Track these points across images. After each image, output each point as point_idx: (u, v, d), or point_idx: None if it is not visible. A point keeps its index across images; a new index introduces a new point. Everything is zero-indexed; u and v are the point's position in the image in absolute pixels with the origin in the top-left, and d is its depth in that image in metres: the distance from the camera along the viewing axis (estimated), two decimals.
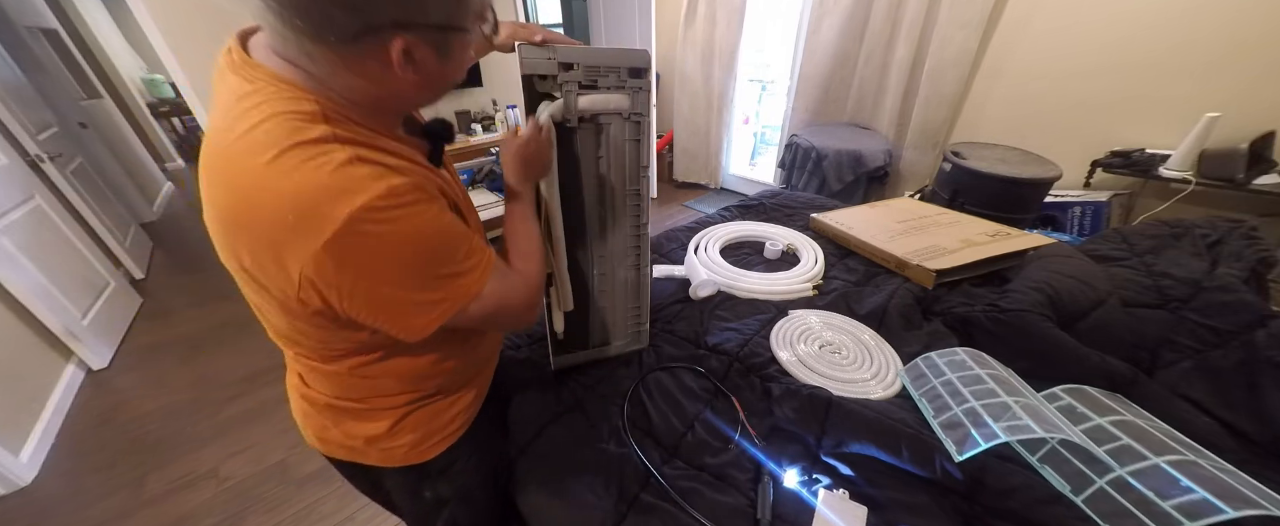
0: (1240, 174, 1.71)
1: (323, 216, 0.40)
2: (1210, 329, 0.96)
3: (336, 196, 0.41)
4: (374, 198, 0.41)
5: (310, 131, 0.42)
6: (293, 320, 0.51)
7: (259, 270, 0.45)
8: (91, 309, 2.18)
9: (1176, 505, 0.64)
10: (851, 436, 0.81)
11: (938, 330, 1.11)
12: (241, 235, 0.44)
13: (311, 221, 0.40)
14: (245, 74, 0.44)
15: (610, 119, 0.83)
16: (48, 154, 2.33)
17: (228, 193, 0.43)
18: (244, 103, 0.43)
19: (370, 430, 0.64)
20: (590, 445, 0.86)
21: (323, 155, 0.41)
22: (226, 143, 0.43)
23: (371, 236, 0.42)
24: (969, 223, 1.48)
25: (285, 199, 0.40)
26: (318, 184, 0.40)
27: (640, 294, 1.03)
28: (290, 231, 0.41)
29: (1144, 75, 1.98)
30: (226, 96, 0.45)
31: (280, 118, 0.42)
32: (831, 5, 2.63)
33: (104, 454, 1.70)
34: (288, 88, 0.44)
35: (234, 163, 0.42)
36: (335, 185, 0.41)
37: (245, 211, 0.42)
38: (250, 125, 0.42)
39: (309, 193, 0.40)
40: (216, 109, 0.47)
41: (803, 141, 2.69)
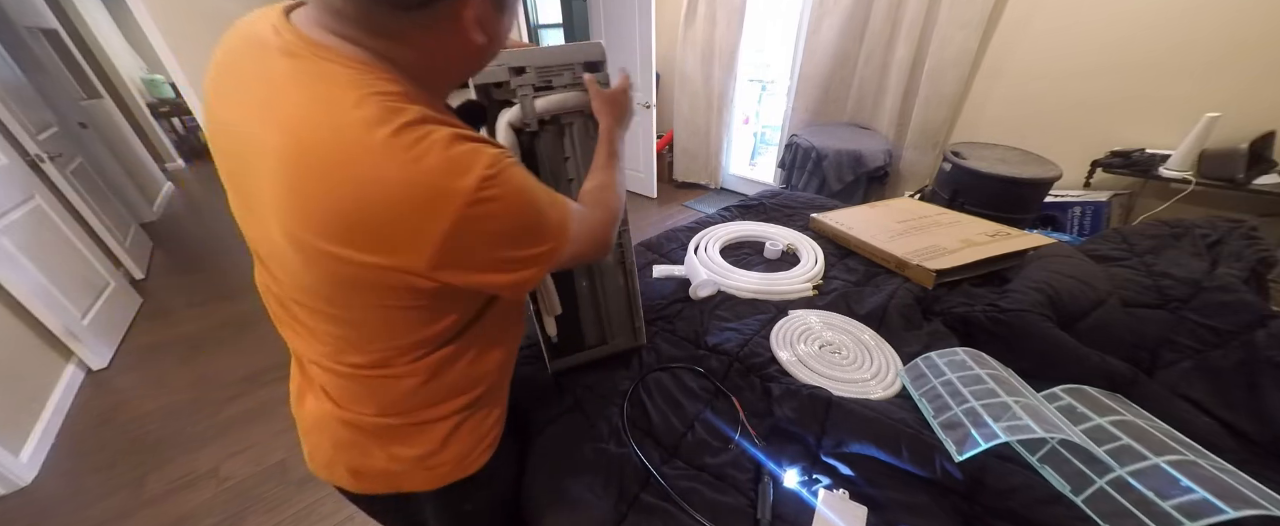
0: (1240, 174, 1.71)
1: (451, 192, 0.40)
2: (1210, 329, 0.96)
3: (458, 172, 0.40)
4: (485, 167, 0.42)
5: (408, 111, 0.41)
6: (389, 314, 0.50)
7: (376, 265, 0.43)
8: (91, 309, 2.18)
9: (1176, 505, 0.64)
10: (851, 436, 0.81)
11: (938, 330, 1.11)
12: (357, 232, 0.41)
13: (441, 200, 0.40)
14: (312, 55, 0.42)
15: (573, 118, 0.82)
16: (48, 154, 2.33)
17: (336, 188, 0.40)
18: (321, 87, 0.41)
19: (419, 448, 0.61)
20: (590, 445, 0.86)
21: (431, 134, 0.40)
22: (317, 136, 0.40)
23: (493, 202, 0.42)
24: (969, 223, 1.48)
25: (412, 183, 0.39)
26: (438, 163, 0.40)
27: (630, 291, 1.02)
28: (421, 214, 0.40)
29: (1144, 75, 1.98)
30: (282, 82, 0.42)
31: (376, 100, 0.40)
32: (831, 5, 2.63)
33: (104, 454, 1.70)
34: (366, 67, 0.42)
35: (340, 154, 0.39)
36: (453, 161, 0.40)
37: (364, 204, 0.40)
38: (345, 112, 0.40)
39: (434, 172, 0.40)
40: (263, 99, 0.43)
41: (803, 141, 2.69)
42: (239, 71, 0.46)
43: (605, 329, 1.04)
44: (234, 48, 0.47)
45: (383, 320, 0.51)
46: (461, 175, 0.40)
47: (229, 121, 0.47)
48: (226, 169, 0.50)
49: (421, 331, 0.53)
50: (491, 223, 0.43)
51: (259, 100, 0.43)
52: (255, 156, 0.43)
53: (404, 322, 0.51)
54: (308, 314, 0.52)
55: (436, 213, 0.40)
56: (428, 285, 0.45)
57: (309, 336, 0.55)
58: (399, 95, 0.42)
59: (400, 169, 0.39)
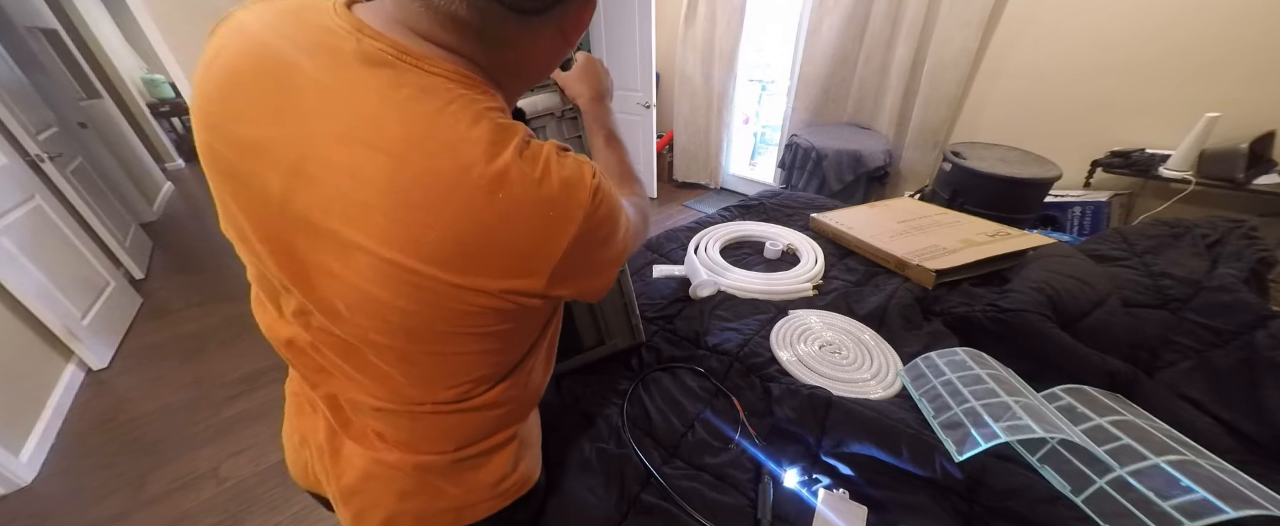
0: (1240, 174, 1.71)
1: (574, 208, 0.40)
2: (1210, 329, 0.96)
3: (577, 187, 0.40)
4: (592, 177, 0.42)
5: (517, 129, 0.40)
6: (480, 342, 0.47)
7: (499, 290, 0.41)
8: (91, 309, 2.18)
9: (1177, 505, 0.64)
10: (851, 436, 0.81)
11: (938, 330, 1.11)
12: (480, 258, 0.39)
13: (567, 218, 0.40)
14: (411, 65, 0.38)
15: (545, 121, 0.81)
16: (48, 154, 2.33)
17: (460, 216, 0.37)
18: (429, 103, 0.37)
19: (495, 473, 0.58)
20: (590, 445, 0.86)
21: (541, 150, 0.40)
22: (433, 162, 0.36)
23: (602, 208, 0.42)
24: (969, 223, 1.48)
25: (541, 203, 0.39)
26: (558, 181, 0.39)
27: (624, 290, 1.01)
28: (549, 233, 0.40)
29: (1144, 75, 1.98)
30: (369, 97, 0.37)
31: (489, 117, 0.38)
32: (831, 5, 2.63)
33: (104, 454, 1.70)
34: (467, 80, 0.40)
35: (461, 179, 0.36)
36: (568, 178, 0.40)
37: (490, 229, 0.38)
38: (461, 132, 0.37)
39: (557, 191, 0.39)
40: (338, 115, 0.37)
41: (803, 141, 2.69)
42: (279, 80, 0.38)
43: (602, 329, 1.03)
44: (260, 50, 0.39)
45: (471, 350, 0.48)
46: (579, 189, 0.40)
47: (263, 142, 0.39)
48: (251, 200, 0.42)
49: (501, 357, 0.51)
50: (601, 230, 0.44)
51: (330, 116, 0.37)
52: (326, 183, 0.38)
53: (487, 350, 0.49)
54: (386, 355, 0.47)
55: (562, 230, 0.40)
56: (535, 304, 0.44)
57: (378, 381, 0.49)
58: (500, 110, 0.41)
59: (527, 191, 0.38)
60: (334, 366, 0.51)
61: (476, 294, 0.41)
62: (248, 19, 0.40)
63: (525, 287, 0.42)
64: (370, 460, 0.54)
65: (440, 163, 0.36)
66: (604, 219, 0.43)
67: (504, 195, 0.37)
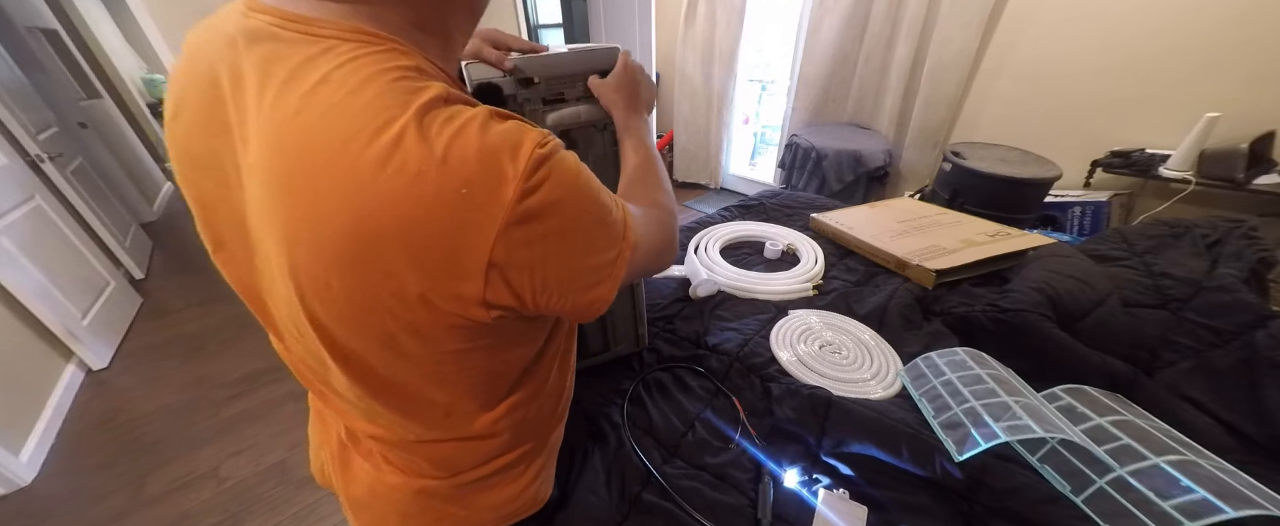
0: (1240, 174, 1.71)
1: (498, 177, 0.31)
2: (1210, 329, 0.96)
3: (502, 154, 0.32)
4: (533, 147, 0.33)
5: (430, 88, 0.32)
6: (462, 355, 0.41)
7: (418, 297, 0.33)
8: (91, 309, 2.18)
9: (1177, 505, 0.64)
10: (851, 436, 0.81)
11: (938, 330, 1.11)
12: (388, 248, 0.31)
13: (487, 187, 0.31)
14: (295, 31, 0.33)
15: (585, 132, 0.77)
16: (48, 154, 2.33)
17: (351, 198, 0.30)
18: (311, 71, 0.32)
19: (504, 494, 0.55)
20: (591, 444, 0.86)
21: (460, 115, 0.32)
22: (317, 138, 0.31)
23: (549, 189, 0.33)
24: (969, 223, 1.48)
25: (449, 173, 0.30)
26: (477, 147, 0.31)
27: (635, 301, 1.02)
28: (467, 209, 0.31)
29: (1144, 75, 1.98)
30: (254, 76, 0.33)
31: (387, 77, 0.32)
32: (831, 5, 2.63)
33: (104, 454, 1.70)
34: (369, 38, 0.34)
35: (349, 155, 0.30)
36: (494, 143, 0.32)
37: (392, 211, 0.30)
38: (348, 98, 0.31)
39: (472, 157, 0.31)
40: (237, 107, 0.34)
41: (803, 141, 2.69)
42: (206, 94, 0.36)
43: (609, 337, 1.04)
44: (192, 68, 0.37)
45: (433, 376, 0.42)
46: (509, 153, 0.32)
47: (207, 156, 0.37)
48: (215, 225, 0.41)
49: (485, 384, 0.46)
50: (552, 218, 0.34)
51: (237, 112, 0.34)
52: (248, 189, 0.35)
53: (454, 376, 0.43)
54: (350, 386, 0.42)
55: (484, 215, 0.31)
56: (485, 316, 0.36)
57: (359, 409, 0.46)
58: (413, 70, 0.34)
59: (427, 164, 0.30)
60: (320, 392, 0.49)
61: (397, 303, 0.34)
62: (188, 42, 0.39)
63: (455, 293, 0.34)
64: (374, 478, 0.53)
65: (314, 139, 0.31)
66: (556, 205, 0.34)
67: (394, 170, 0.30)
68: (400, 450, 0.50)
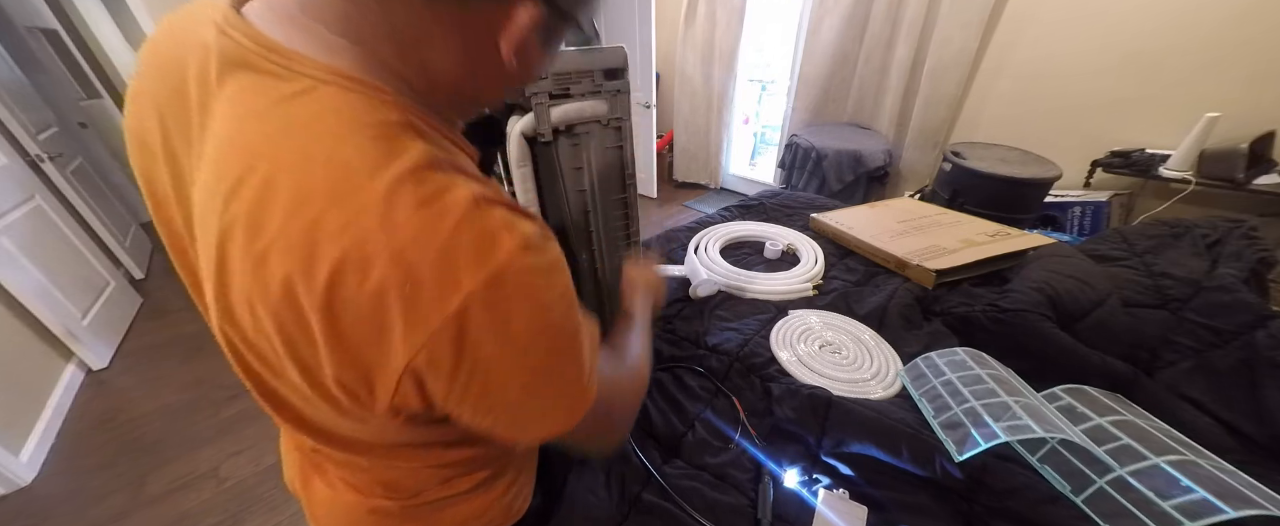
0: (1240, 174, 1.71)
1: (448, 285, 0.28)
2: (1210, 329, 0.96)
3: (468, 257, 0.28)
4: (510, 256, 0.29)
5: (409, 153, 0.29)
6: (359, 424, 0.38)
7: (328, 360, 0.30)
8: (91, 309, 2.18)
9: (1177, 505, 0.64)
10: (851, 436, 0.81)
11: (938, 330, 1.11)
12: (311, 320, 0.28)
13: (434, 292, 0.27)
14: (278, 65, 0.29)
15: (589, 127, 0.78)
16: (48, 154, 2.33)
17: (291, 252, 0.28)
18: (291, 111, 0.29)
19: (485, 500, 0.52)
20: None
21: (439, 196, 0.28)
22: (287, 178, 0.28)
23: (505, 307, 0.30)
24: (969, 223, 1.48)
25: (397, 268, 0.27)
26: (441, 240, 0.28)
27: None
28: (403, 304, 0.27)
29: (1144, 75, 1.98)
30: (225, 107, 0.30)
31: (371, 131, 0.29)
32: (831, 5, 2.63)
33: (104, 454, 1.70)
34: (355, 85, 0.30)
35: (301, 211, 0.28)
36: (464, 242, 0.28)
37: (324, 286, 0.28)
38: (326, 146, 0.28)
39: (429, 255, 0.27)
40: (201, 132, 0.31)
41: (803, 141, 2.69)
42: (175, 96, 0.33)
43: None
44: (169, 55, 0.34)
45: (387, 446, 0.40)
46: (476, 259, 0.28)
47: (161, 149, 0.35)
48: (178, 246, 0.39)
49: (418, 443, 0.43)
50: (498, 335, 0.30)
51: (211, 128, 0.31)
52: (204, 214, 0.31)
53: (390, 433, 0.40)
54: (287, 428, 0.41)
55: (427, 306, 0.28)
56: (408, 406, 0.32)
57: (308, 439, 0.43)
58: (403, 127, 0.30)
59: (380, 249, 0.27)
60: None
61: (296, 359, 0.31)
62: (163, 29, 0.36)
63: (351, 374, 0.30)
64: (330, 495, 0.50)
65: (293, 180, 0.28)
66: (506, 325, 0.30)
67: (342, 244, 0.27)
68: (353, 470, 0.47)
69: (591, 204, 0.86)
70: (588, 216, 0.87)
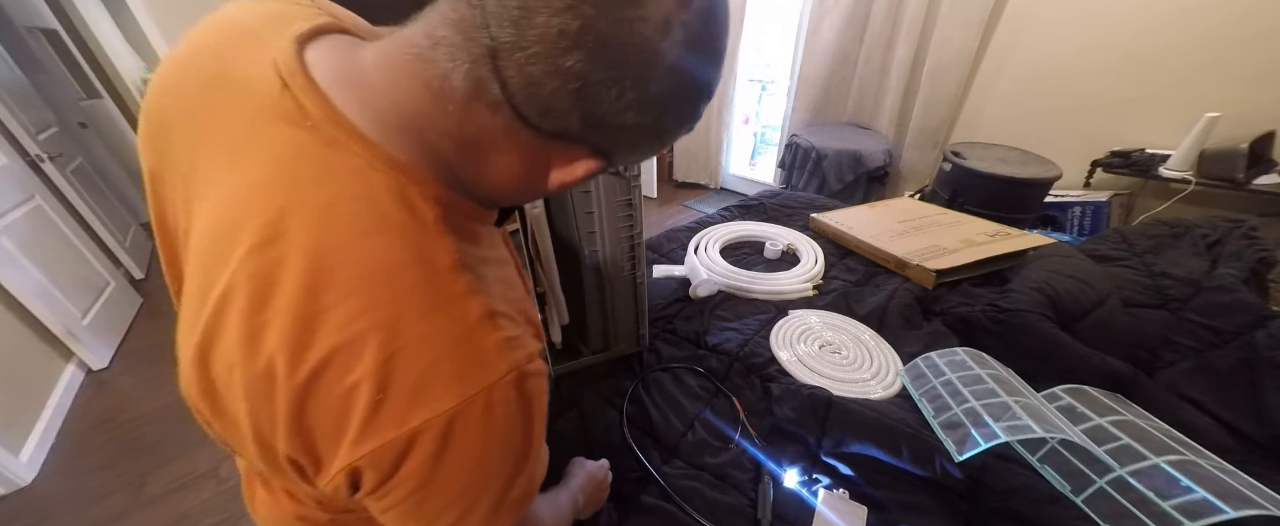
0: (1240, 174, 1.71)
1: (417, 403, 0.29)
2: (1210, 329, 0.96)
3: (449, 380, 0.29)
4: (489, 388, 0.30)
5: (433, 254, 0.30)
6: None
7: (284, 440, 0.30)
8: (91, 309, 2.18)
9: (1177, 505, 0.64)
10: (851, 436, 0.81)
11: (938, 330, 1.11)
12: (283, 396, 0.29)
13: (400, 408, 0.28)
14: (329, 136, 0.29)
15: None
16: (48, 154, 2.33)
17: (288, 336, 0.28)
18: (325, 191, 0.29)
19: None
20: (590, 445, 0.86)
21: (447, 308, 0.30)
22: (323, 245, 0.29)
23: (462, 437, 0.30)
24: (969, 222, 1.48)
25: (381, 369, 0.28)
26: (433, 355, 0.29)
27: (638, 300, 1.02)
28: (367, 410, 0.28)
29: (1144, 75, 1.98)
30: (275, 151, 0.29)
31: (393, 232, 0.29)
32: (831, 5, 2.63)
33: (104, 454, 1.70)
34: (402, 174, 0.30)
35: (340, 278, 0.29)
36: (452, 363, 0.29)
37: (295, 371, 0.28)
38: (344, 237, 0.29)
39: (418, 366, 0.29)
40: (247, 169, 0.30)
41: (803, 141, 2.69)
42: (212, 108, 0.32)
43: (610, 336, 1.04)
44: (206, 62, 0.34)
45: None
46: (456, 384, 0.29)
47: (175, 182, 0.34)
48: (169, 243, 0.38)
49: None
50: (454, 464, 0.31)
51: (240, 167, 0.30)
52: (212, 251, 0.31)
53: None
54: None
55: (386, 421, 0.28)
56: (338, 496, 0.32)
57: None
58: (435, 224, 0.31)
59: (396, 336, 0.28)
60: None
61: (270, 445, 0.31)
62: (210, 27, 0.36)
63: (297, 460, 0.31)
64: (266, 501, 0.49)
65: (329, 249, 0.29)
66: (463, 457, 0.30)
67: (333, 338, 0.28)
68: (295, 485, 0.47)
69: (596, 205, 0.87)
70: (592, 217, 0.88)
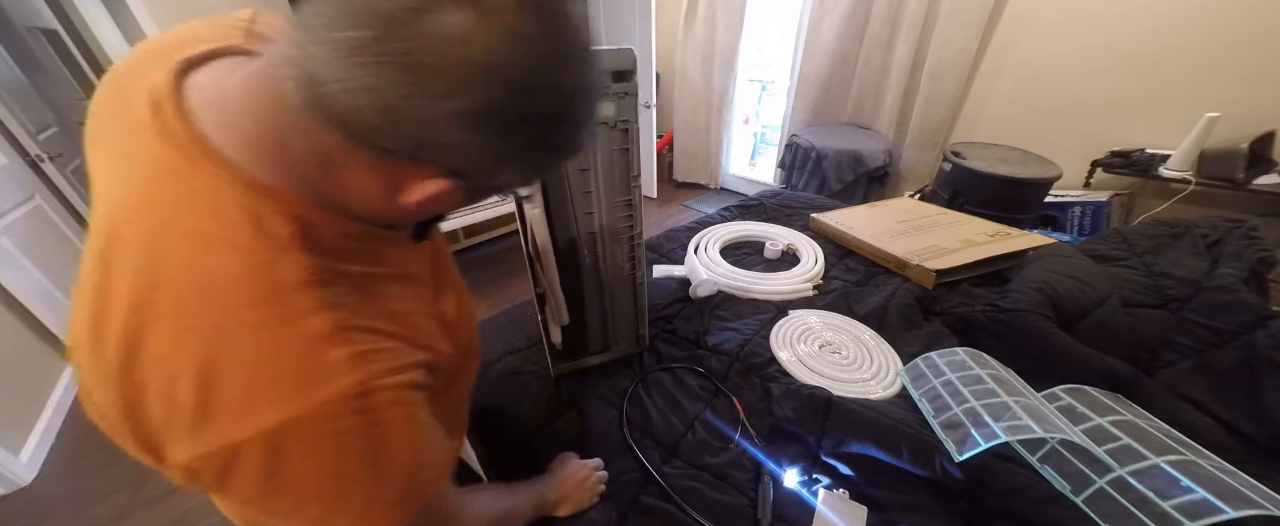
0: (1240, 174, 1.71)
1: (242, 415, 0.30)
2: (1210, 329, 0.96)
3: (278, 394, 0.30)
4: (332, 398, 0.31)
5: (278, 271, 0.31)
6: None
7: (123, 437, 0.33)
8: None
9: (1176, 505, 0.64)
10: (851, 436, 0.81)
11: (938, 330, 1.11)
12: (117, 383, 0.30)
13: (220, 423, 0.30)
14: (189, 157, 0.31)
15: (595, 129, 0.79)
16: (48, 154, 2.33)
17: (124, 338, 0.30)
18: (185, 206, 0.31)
19: None
20: (589, 445, 0.86)
21: (282, 323, 0.30)
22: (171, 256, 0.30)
23: (310, 447, 0.31)
24: (969, 223, 1.48)
25: (204, 381, 0.30)
26: (256, 371, 0.30)
27: (638, 300, 1.02)
28: (191, 419, 0.30)
29: (1144, 75, 1.98)
30: (145, 171, 0.31)
31: (237, 250, 0.30)
32: (831, 5, 2.63)
33: (104, 454, 1.70)
34: (256, 195, 0.31)
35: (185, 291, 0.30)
36: (282, 377, 0.30)
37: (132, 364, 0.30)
38: (184, 255, 0.30)
39: (254, 375, 0.30)
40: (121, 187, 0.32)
41: (803, 141, 2.69)
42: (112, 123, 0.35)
43: (610, 336, 1.04)
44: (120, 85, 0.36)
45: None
46: (294, 395, 0.30)
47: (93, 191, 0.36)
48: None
49: None
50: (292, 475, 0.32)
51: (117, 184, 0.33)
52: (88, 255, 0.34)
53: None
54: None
55: (223, 422, 0.30)
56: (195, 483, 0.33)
57: None
58: (287, 241, 0.31)
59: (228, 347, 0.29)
60: None
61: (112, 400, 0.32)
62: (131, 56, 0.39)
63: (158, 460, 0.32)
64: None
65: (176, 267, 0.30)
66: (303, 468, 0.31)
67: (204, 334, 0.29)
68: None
69: (596, 205, 0.86)
70: (592, 218, 0.87)
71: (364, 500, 0.35)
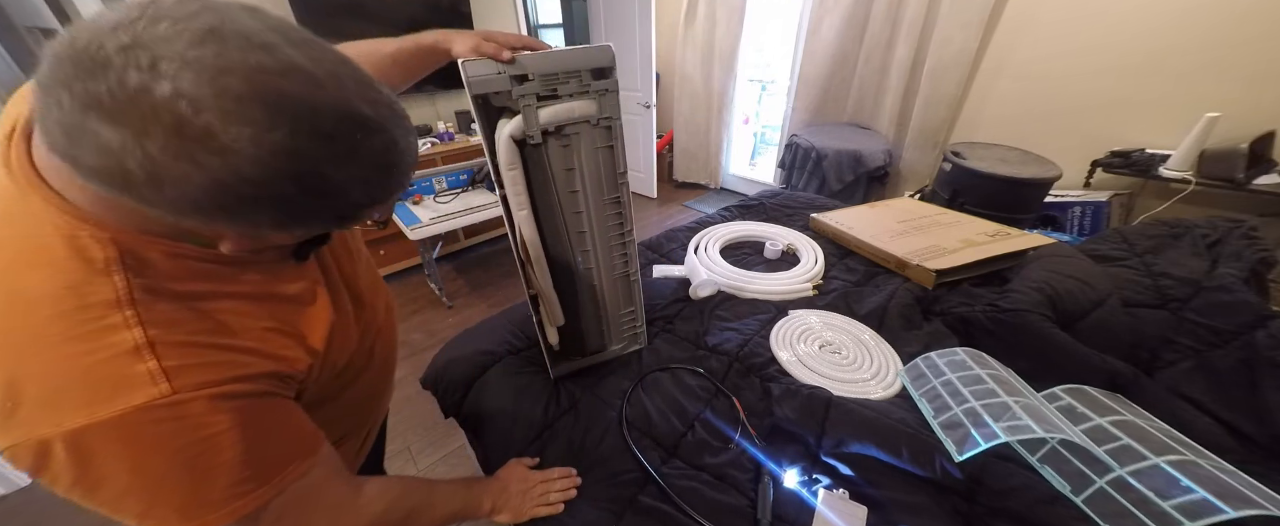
0: (1240, 174, 1.71)
1: (45, 421, 0.32)
2: (1210, 329, 0.96)
3: (80, 401, 0.33)
4: (137, 406, 0.33)
5: (89, 290, 0.33)
6: None
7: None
8: None
9: (1176, 505, 0.64)
10: (851, 436, 0.81)
11: (938, 330, 1.11)
12: None
13: (25, 422, 0.32)
14: (19, 185, 0.34)
15: (578, 127, 0.78)
16: None
17: None
18: (12, 229, 0.34)
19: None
20: (589, 445, 0.86)
21: (87, 338, 0.33)
22: None
23: (118, 449, 0.34)
24: (969, 223, 1.48)
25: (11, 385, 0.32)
26: (60, 380, 0.33)
27: (634, 298, 1.02)
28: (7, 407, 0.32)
29: (1144, 75, 1.98)
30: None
31: (50, 268, 0.33)
32: (831, 5, 2.63)
33: None
34: (76, 221, 0.34)
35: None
36: (84, 386, 0.33)
37: None
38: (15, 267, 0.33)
39: (59, 383, 0.33)
40: None
41: (803, 141, 2.69)
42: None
43: (606, 335, 1.03)
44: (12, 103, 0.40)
45: None
46: (94, 404, 0.33)
47: None
48: None
49: None
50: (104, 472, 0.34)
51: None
52: None
53: None
54: None
55: (29, 421, 0.32)
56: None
57: None
58: (104, 264, 0.34)
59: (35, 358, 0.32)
60: None
61: None
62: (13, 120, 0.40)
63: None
64: None
65: None
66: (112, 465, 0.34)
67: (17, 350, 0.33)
68: None
69: (584, 205, 0.86)
70: (581, 217, 0.87)
71: (185, 494, 0.37)
